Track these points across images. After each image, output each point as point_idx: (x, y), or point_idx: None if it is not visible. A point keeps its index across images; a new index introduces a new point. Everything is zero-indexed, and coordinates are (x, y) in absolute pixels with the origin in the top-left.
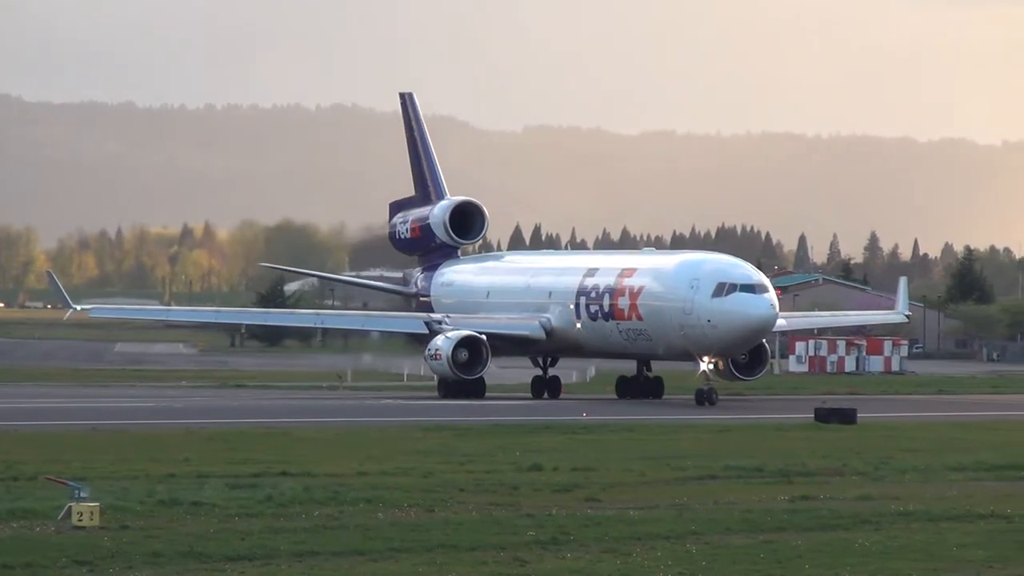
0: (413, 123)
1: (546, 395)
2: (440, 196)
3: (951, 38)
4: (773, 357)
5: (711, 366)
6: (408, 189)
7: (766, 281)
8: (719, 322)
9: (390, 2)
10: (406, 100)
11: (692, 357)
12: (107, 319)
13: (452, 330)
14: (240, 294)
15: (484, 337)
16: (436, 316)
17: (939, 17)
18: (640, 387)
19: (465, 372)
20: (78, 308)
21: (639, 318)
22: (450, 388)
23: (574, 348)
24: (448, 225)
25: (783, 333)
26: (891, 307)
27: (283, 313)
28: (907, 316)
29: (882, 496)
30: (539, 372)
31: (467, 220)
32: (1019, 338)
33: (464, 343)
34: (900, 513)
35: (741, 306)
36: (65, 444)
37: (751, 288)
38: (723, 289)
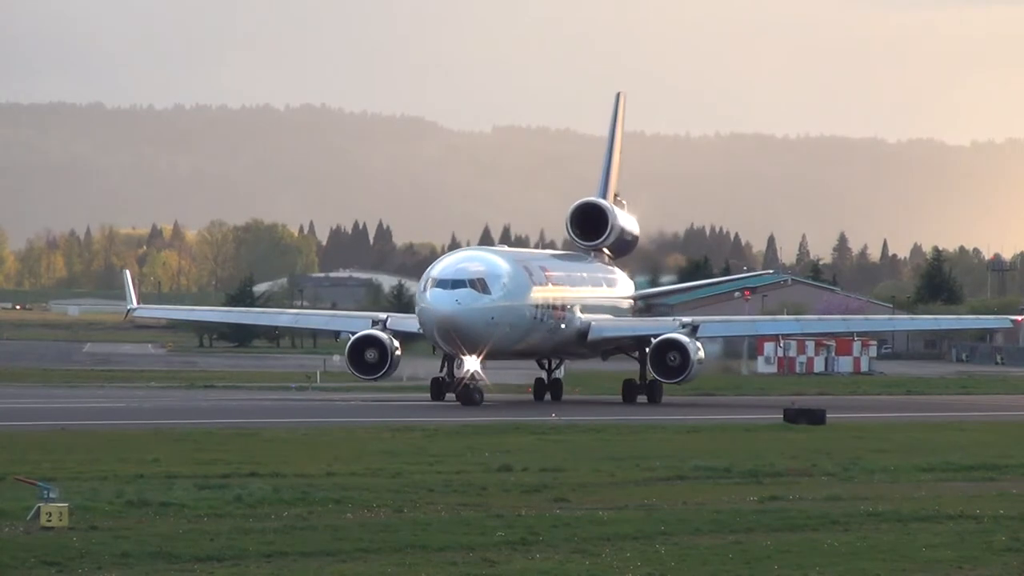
0: (615, 123)
1: (548, 397)
2: (602, 197)
3: (920, 39)
4: (740, 357)
5: (473, 366)
6: (385, 193)
7: (473, 278)
8: (424, 318)
9: (359, 4)
10: (617, 99)
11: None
12: (74, 318)
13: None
14: (209, 294)
15: (385, 336)
16: (381, 315)
17: (908, 18)
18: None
19: (369, 372)
20: (129, 308)
21: None
22: (438, 390)
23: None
24: (569, 226)
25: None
26: (860, 308)
27: (289, 313)
28: (1012, 321)
29: (851, 496)
30: (542, 374)
31: (593, 221)
32: (988, 339)
33: (369, 342)
34: (869, 514)
35: (430, 302)
36: (34, 444)
37: (444, 284)
38: (426, 285)
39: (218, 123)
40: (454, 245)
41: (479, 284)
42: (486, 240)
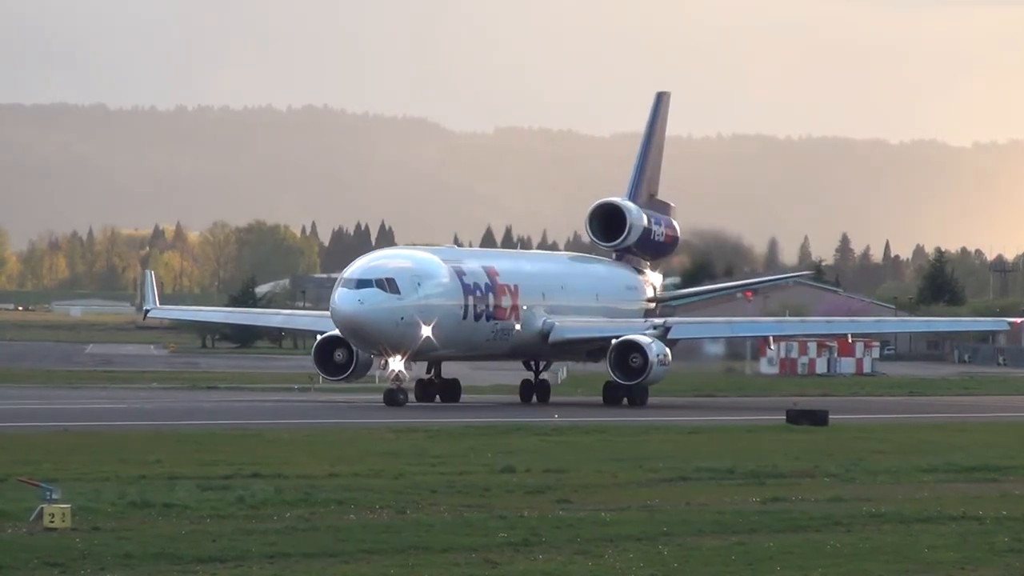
0: (654, 123)
1: (535, 399)
2: (631, 198)
3: (922, 40)
4: (744, 358)
5: (397, 367)
6: (388, 193)
7: (381, 278)
8: (333, 318)
9: (362, 5)
10: (658, 99)
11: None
12: (76, 319)
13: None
14: (212, 295)
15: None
16: None
17: (910, 19)
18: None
19: (337, 373)
20: (146, 309)
21: None
22: (425, 391)
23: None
24: (589, 228)
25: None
26: (862, 309)
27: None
28: (1010, 324)
29: (853, 497)
30: (528, 375)
31: (612, 222)
32: (990, 340)
33: (336, 343)
34: (871, 515)
35: (336, 302)
36: (36, 445)
37: (350, 284)
38: (337, 284)
39: (220, 124)
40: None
41: (387, 284)
42: (488, 242)
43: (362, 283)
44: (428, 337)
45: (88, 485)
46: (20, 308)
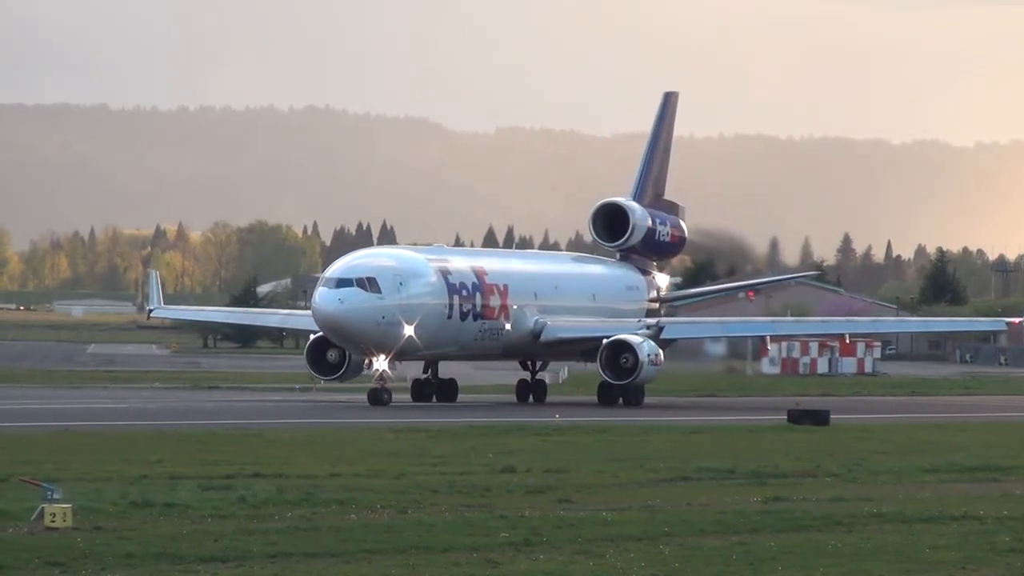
0: (661, 122)
1: (531, 399)
2: (636, 198)
3: (924, 40)
4: (745, 358)
5: (385, 365)
6: (391, 194)
7: (362, 277)
8: (314, 318)
9: (362, 5)
10: (666, 99)
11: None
12: (78, 319)
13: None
14: (213, 295)
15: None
16: None
17: (912, 19)
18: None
19: (330, 373)
20: (150, 308)
21: None
22: (421, 391)
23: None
24: (592, 228)
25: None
26: (864, 309)
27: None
28: (1008, 324)
29: (855, 497)
30: (524, 375)
31: (615, 222)
32: (992, 340)
33: (329, 343)
34: (873, 515)
35: (317, 302)
36: (38, 445)
37: (330, 283)
38: (318, 283)
39: (222, 124)
40: (458, 246)
41: (368, 283)
42: (490, 241)
43: (342, 282)
44: (411, 337)
45: (89, 485)
46: (22, 308)
